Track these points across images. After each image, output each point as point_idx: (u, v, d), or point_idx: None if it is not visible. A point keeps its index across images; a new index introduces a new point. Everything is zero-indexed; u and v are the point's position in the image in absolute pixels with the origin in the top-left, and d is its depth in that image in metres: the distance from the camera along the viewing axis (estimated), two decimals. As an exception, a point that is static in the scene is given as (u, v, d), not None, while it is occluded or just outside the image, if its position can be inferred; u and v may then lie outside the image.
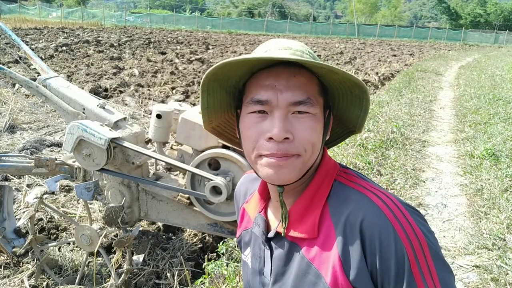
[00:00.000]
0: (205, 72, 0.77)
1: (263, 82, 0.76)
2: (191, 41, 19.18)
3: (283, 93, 0.74)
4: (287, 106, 0.74)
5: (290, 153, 0.74)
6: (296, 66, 0.76)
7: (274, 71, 0.76)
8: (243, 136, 0.80)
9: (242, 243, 1.00)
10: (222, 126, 0.95)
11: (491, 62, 17.28)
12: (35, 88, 2.22)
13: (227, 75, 0.79)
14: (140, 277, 2.36)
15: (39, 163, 2.26)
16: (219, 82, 0.81)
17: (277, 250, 0.85)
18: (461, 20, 52.29)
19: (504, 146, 4.92)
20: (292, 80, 0.75)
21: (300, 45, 0.80)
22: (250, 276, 0.94)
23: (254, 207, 0.94)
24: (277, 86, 0.74)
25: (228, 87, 0.84)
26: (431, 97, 8.35)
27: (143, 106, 6.54)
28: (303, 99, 0.74)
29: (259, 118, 0.76)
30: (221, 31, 35.12)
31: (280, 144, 0.73)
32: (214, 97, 0.84)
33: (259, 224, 0.90)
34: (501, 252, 2.74)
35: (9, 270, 2.44)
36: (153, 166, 2.83)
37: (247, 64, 0.76)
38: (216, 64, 0.74)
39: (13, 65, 9.03)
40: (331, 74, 0.75)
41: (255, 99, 0.76)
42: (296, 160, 0.75)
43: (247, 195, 1.04)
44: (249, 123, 0.77)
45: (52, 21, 29.05)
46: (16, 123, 5.17)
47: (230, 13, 63.53)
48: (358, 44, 25.98)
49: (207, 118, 0.88)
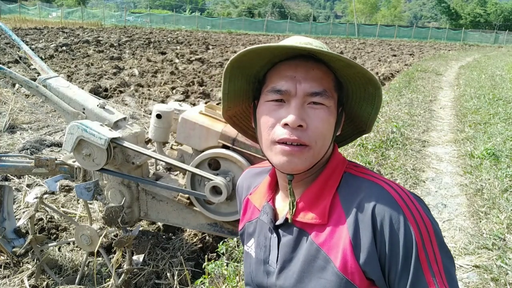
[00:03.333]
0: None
1: (283, 73, 0.81)
2: (191, 41, 19.18)
3: (301, 83, 0.79)
4: (304, 96, 0.79)
5: (301, 140, 0.77)
6: (314, 61, 0.81)
7: (293, 63, 0.81)
8: (259, 123, 0.84)
9: (245, 235, 1.02)
10: (238, 116, 0.99)
11: (491, 62, 17.28)
12: (35, 88, 2.22)
13: (250, 64, 0.83)
14: (140, 277, 2.36)
15: (39, 163, 2.26)
16: (241, 70, 0.85)
17: (285, 237, 0.87)
18: (461, 20, 52.29)
19: (504, 146, 4.92)
20: (310, 73, 0.80)
21: (320, 42, 0.85)
22: (253, 266, 0.95)
23: (261, 197, 0.96)
24: (296, 77, 0.79)
25: (249, 76, 0.88)
26: (431, 97, 8.35)
27: (143, 106, 6.54)
28: (319, 91, 0.79)
29: (276, 106, 0.80)
30: (221, 31, 35.12)
31: (294, 130, 0.77)
32: (235, 84, 0.88)
33: (267, 212, 0.92)
34: (501, 252, 2.74)
35: (9, 270, 2.44)
36: (153, 166, 2.83)
37: (269, 54, 0.80)
38: (241, 50, 0.78)
39: (13, 65, 9.02)
40: (347, 69, 0.79)
41: (275, 89, 0.80)
42: (307, 152, 0.78)
43: (250, 188, 1.05)
44: (266, 110, 0.82)
45: (52, 21, 29.05)
46: (16, 123, 5.17)
47: (230, 13, 63.52)
48: (358, 44, 25.98)
49: (226, 104, 0.92)
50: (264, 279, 0.90)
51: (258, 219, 0.95)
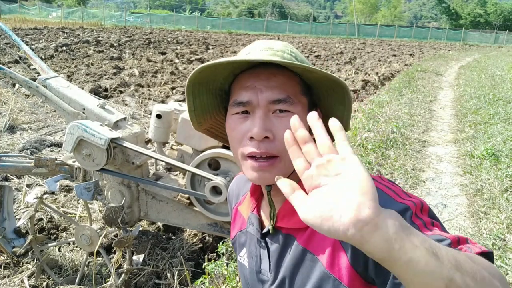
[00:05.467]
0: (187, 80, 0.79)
1: (244, 83, 0.78)
2: (191, 41, 19.18)
3: (263, 92, 0.76)
4: (267, 105, 0.76)
5: (270, 152, 0.75)
6: (276, 67, 0.78)
7: (254, 72, 0.78)
8: (229, 137, 0.83)
9: (237, 244, 1.01)
10: (216, 127, 0.97)
11: (491, 62, 17.28)
12: (35, 88, 2.22)
13: (211, 78, 0.81)
14: (140, 277, 2.36)
15: (39, 163, 2.26)
16: (204, 85, 0.83)
17: (273, 245, 0.86)
18: (461, 20, 52.30)
19: (504, 146, 4.92)
20: (272, 80, 0.77)
21: (283, 45, 0.82)
22: (248, 276, 0.95)
23: (247, 207, 0.95)
24: (257, 86, 0.77)
25: (214, 90, 0.86)
26: (431, 97, 8.35)
27: (143, 106, 6.54)
28: (282, 97, 0.76)
29: (241, 118, 0.78)
30: (221, 31, 35.12)
31: (261, 143, 0.75)
32: (201, 100, 0.86)
33: (253, 223, 0.91)
34: (501, 252, 2.74)
35: (9, 270, 2.44)
36: (153, 166, 2.83)
37: (228, 67, 0.78)
38: (197, 68, 0.76)
39: (13, 65, 9.03)
40: (308, 73, 0.77)
41: (237, 101, 0.78)
42: (278, 164, 0.76)
43: (239, 196, 1.05)
44: (233, 124, 0.80)
45: (52, 21, 29.04)
46: (16, 123, 5.17)
47: (230, 13, 63.53)
48: (358, 44, 25.97)
49: (195, 120, 0.90)
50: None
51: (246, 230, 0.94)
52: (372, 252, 0.51)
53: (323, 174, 0.55)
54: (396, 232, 0.50)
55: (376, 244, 0.50)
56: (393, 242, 0.49)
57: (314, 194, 0.55)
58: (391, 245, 0.49)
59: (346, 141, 0.54)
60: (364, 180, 0.51)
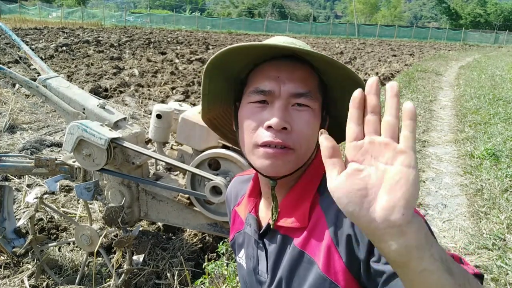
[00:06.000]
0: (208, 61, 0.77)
1: (267, 73, 0.78)
2: (191, 41, 19.18)
3: (285, 84, 0.75)
4: (288, 97, 0.76)
5: (285, 143, 0.74)
6: (298, 61, 0.78)
7: (277, 64, 0.78)
8: (241, 126, 0.81)
9: (236, 245, 1.01)
10: (218, 119, 0.96)
11: (491, 62, 17.28)
12: (35, 88, 2.22)
13: (231, 64, 0.80)
14: (140, 277, 2.36)
15: (39, 163, 2.26)
16: (222, 70, 0.82)
17: (271, 246, 0.86)
18: (461, 20, 52.30)
19: (504, 146, 4.92)
20: (295, 73, 0.77)
21: (303, 43, 0.82)
22: (247, 277, 0.95)
23: (245, 208, 0.95)
24: (280, 77, 0.76)
25: (229, 77, 0.85)
26: (431, 97, 8.35)
27: (143, 106, 6.54)
28: (304, 91, 0.76)
29: (259, 108, 0.77)
30: (221, 31, 35.13)
31: (278, 133, 0.74)
32: (216, 85, 0.85)
33: (250, 223, 0.91)
34: (501, 252, 2.74)
35: (9, 270, 2.43)
36: (153, 166, 2.83)
37: (252, 54, 0.77)
38: (221, 50, 0.75)
39: (13, 65, 9.02)
40: (332, 70, 0.76)
41: (258, 89, 0.77)
42: (291, 155, 0.76)
43: (238, 197, 1.05)
44: (248, 112, 0.79)
45: (52, 21, 29.04)
46: (16, 123, 5.17)
47: (230, 13, 63.54)
48: (358, 44, 25.97)
49: (206, 105, 0.89)
50: None
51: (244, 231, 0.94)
52: (387, 252, 0.50)
53: (373, 155, 0.51)
54: (419, 242, 0.48)
55: (395, 247, 0.48)
56: (413, 250, 0.48)
57: (352, 171, 0.52)
58: (411, 252, 0.48)
59: (412, 134, 0.50)
60: (412, 185, 0.48)
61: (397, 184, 0.48)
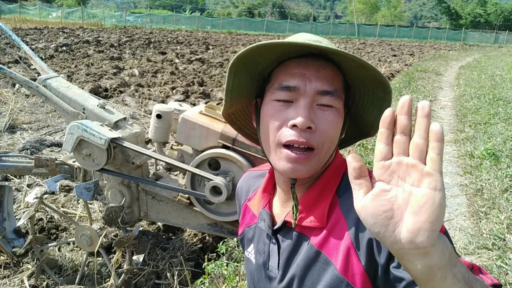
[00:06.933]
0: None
1: (292, 70, 0.77)
2: (191, 41, 19.18)
3: (312, 81, 0.75)
4: (314, 95, 0.75)
5: (309, 143, 0.74)
6: (325, 60, 0.78)
7: (303, 61, 0.77)
8: (263, 123, 0.80)
9: (245, 240, 1.01)
10: (237, 114, 0.95)
11: (491, 62, 17.28)
12: (35, 88, 2.22)
13: (256, 60, 0.79)
14: (140, 277, 2.36)
15: (39, 163, 2.26)
16: (247, 66, 0.80)
17: (284, 242, 0.85)
18: (461, 20, 52.29)
19: (504, 146, 4.92)
20: (321, 71, 0.76)
21: (328, 41, 0.81)
22: (255, 272, 0.94)
23: (258, 203, 0.94)
24: (306, 74, 0.75)
25: (254, 73, 0.84)
26: (431, 97, 8.35)
27: (143, 106, 6.54)
28: (330, 90, 0.75)
29: (283, 106, 0.77)
30: (221, 31, 35.12)
31: (302, 132, 0.73)
32: (240, 81, 0.83)
33: (264, 218, 0.90)
34: (501, 252, 2.74)
35: (9, 270, 2.44)
36: (153, 166, 2.83)
37: (278, 51, 0.76)
38: (250, 46, 0.74)
39: (13, 65, 9.03)
40: (359, 70, 0.75)
41: (284, 85, 0.76)
42: (313, 158, 0.76)
43: (249, 192, 1.04)
44: (272, 110, 0.78)
45: (52, 21, 29.04)
46: (16, 123, 5.17)
47: (230, 13, 63.54)
48: (358, 44, 25.97)
49: (229, 100, 0.87)
50: (267, 285, 0.90)
51: (256, 225, 0.93)
52: (411, 270, 0.51)
53: (400, 175, 0.52)
54: (443, 263, 0.50)
55: (419, 267, 0.50)
56: (437, 270, 0.50)
57: (379, 191, 0.53)
58: (434, 272, 0.50)
59: (439, 156, 0.50)
60: (437, 208, 0.48)
61: (423, 206, 0.49)
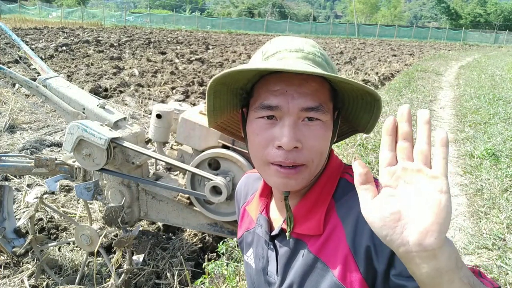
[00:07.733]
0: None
1: (273, 87, 0.73)
2: (191, 41, 19.18)
3: (294, 99, 0.72)
4: (298, 112, 0.72)
5: (298, 162, 0.73)
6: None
7: (285, 76, 0.73)
8: (250, 141, 0.79)
9: (244, 244, 1.00)
10: (226, 122, 0.94)
11: (491, 62, 17.28)
12: (35, 88, 2.22)
13: (236, 78, 0.76)
14: (140, 277, 2.36)
15: (39, 163, 2.26)
16: (226, 85, 0.79)
17: (282, 248, 0.85)
18: (461, 20, 52.31)
19: (504, 146, 4.92)
20: (304, 86, 0.72)
21: (311, 45, 0.78)
22: (254, 277, 0.94)
23: (256, 208, 0.94)
24: (288, 91, 0.72)
25: (235, 89, 0.82)
26: (431, 97, 8.35)
27: (143, 106, 6.54)
28: (315, 106, 0.72)
29: (267, 124, 0.74)
30: (221, 31, 35.12)
31: (289, 153, 0.72)
32: (221, 99, 0.82)
33: (261, 224, 0.89)
34: (501, 252, 2.74)
35: (9, 270, 2.44)
36: (153, 166, 2.83)
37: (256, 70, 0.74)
38: (225, 71, 0.72)
39: (13, 65, 9.02)
40: (344, 84, 0.73)
41: (265, 105, 0.73)
42: (304, 171, 0.74)
43: (248, 195, 1.04)
44: (257, 128, 0.76)
45: (52, 21, 29.04)
46: (16, 123, 5.17)
47: (230, 13, 63.54)
48: (358, 44, 25.98)
49: (212, 119, 0.86)
50: None
51: (254, 231, 0.93)
52: (418, 274, 0.51)
53: (406, 180, 0.53)
54: (450, 266, 0.50)
55: (426, 270, 0.50)
56: (443, 273, 0.50)
57: (385, 196, 0.54)
58: (441, 275, 0.50)
59: (445, 160, 0.51)
60: (444, 210, 0.49)
61: (430, 209, 0.50)
